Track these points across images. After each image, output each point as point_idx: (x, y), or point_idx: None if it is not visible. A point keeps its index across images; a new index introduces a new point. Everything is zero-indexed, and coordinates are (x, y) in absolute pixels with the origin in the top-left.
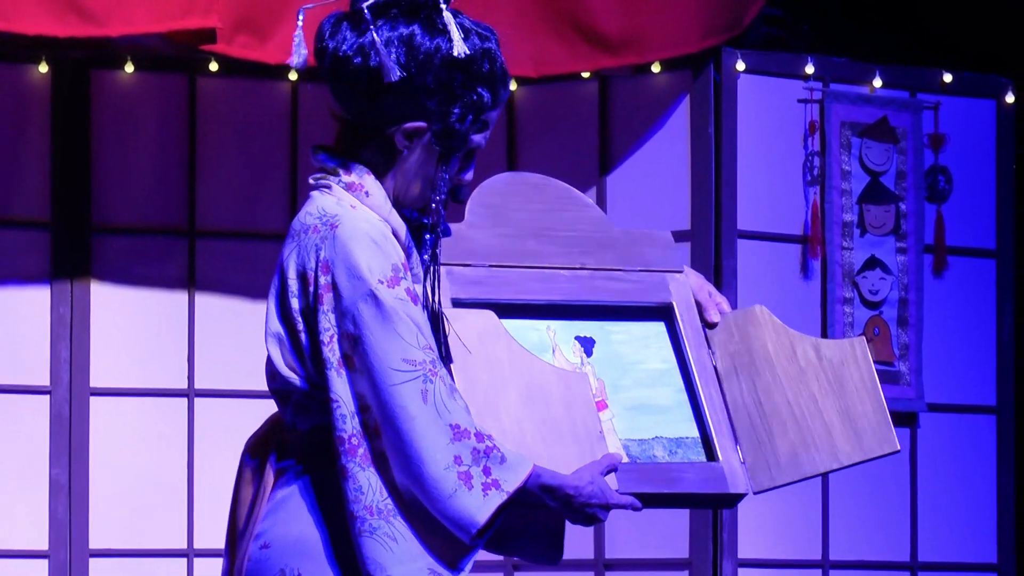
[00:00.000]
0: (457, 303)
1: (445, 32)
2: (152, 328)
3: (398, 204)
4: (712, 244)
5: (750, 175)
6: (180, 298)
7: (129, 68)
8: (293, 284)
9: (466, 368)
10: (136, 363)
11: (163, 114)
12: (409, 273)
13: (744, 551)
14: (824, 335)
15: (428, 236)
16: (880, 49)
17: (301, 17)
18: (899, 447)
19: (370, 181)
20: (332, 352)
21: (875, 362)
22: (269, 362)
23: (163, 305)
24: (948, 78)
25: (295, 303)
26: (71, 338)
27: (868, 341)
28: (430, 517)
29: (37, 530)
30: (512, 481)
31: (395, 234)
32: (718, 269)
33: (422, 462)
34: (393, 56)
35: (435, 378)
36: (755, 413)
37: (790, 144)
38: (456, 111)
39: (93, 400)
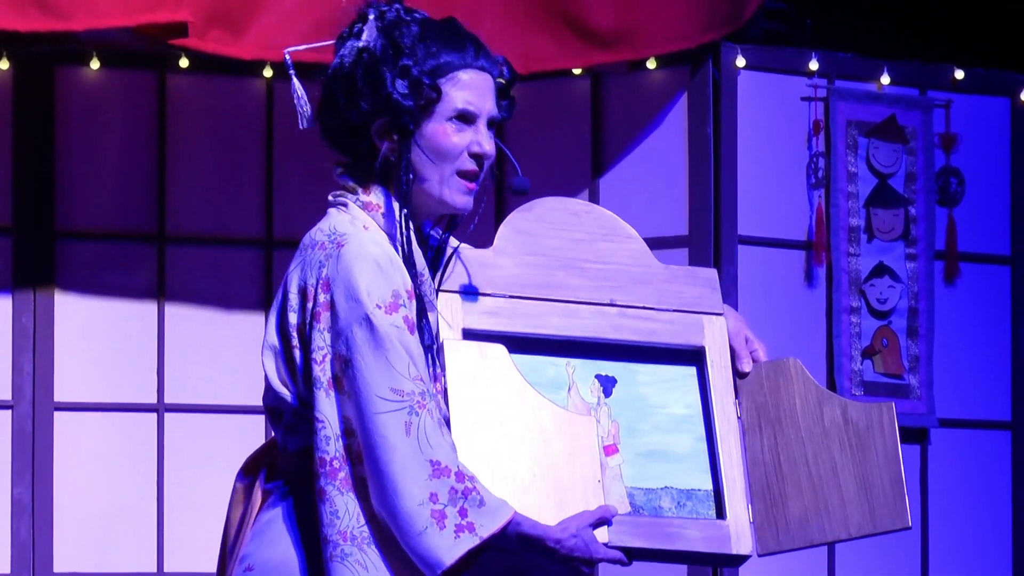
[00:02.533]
0: (469, 334)
1: (359, 34)
2: (119, 339)
3: (427, 204)
4: (711, 250)
5: (751, 177)
6: (149, 308)
7: (95, 64)
8: (293, 299)
9: (466, 403)
10: (103, 376)
11: (131, 113)
12: (412, 301)
13: (747, 574)
14: (829, 346)
15: (435, 233)
16: (888, 44)
17: (293, 75)
18: (911, 524)
19: (384, 202)
20: (323, 372)
21: (884, 375)
22: (264, 375)
23: (131, 315)
24: (960, 75)
25: (293, 318)
26: (34, 350)
27: (875, 353)
28: (401, 551)
29: None
30: (488, 527)
31: (408, 259)
32: (717, 272)
33: (397, 495)
34: (340, 82)
35: (422, 411)
36: (772, 471)
37: (793, 144)
38: (388, 86)
39: (57, 415)
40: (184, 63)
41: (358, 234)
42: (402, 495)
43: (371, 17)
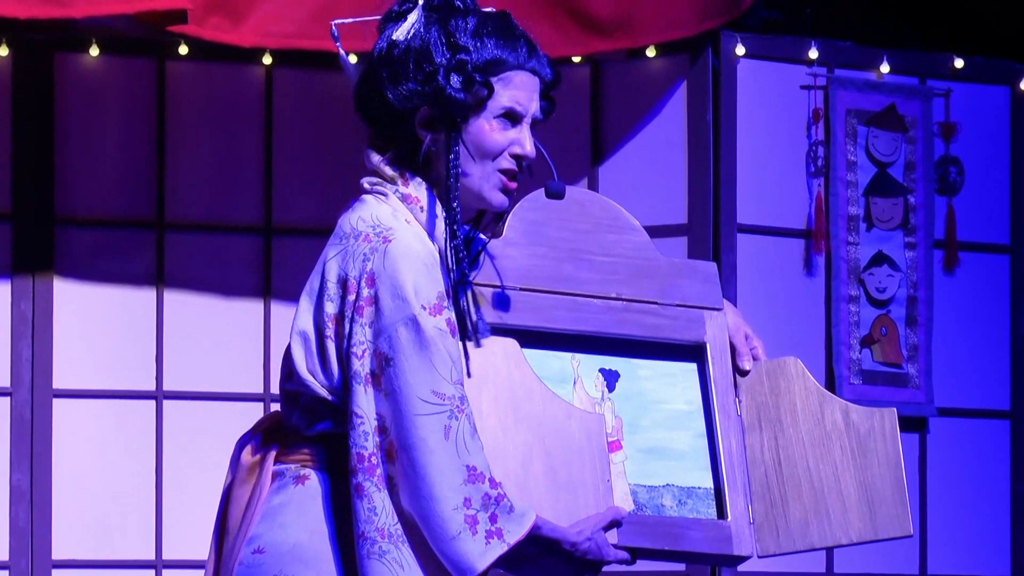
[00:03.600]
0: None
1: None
2: (118, 326)
3: (464, 200)
4: (710, 239)
5: (750, 166)
6: (148, 295)
7: (95, 51)
8: (332, 288)
9: (480, 398)
10: (102, 363)
11: (130, 100)
12: (449, 301)
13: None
14: (828, 334)
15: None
16: (888, 33)
17: (339, 47)
18: (912, 532)
19: (425, 196)
20: (363, 366)
21: (882, 363)
22: (289, 360)
23: (130, 302)
24: (959, 63)
25: (330, 308)
26: (33, 337)
27: (874, 342)
28: (431, 551)
29: None
30: (515, 533)
31: (447, 256)
32: (716, 265)
33: (432, 498)
34: (386, 64)
35: (461, 415)
36: (772, 472)
37: (793, 133)
38: (440, 78)
39: (56, 402)
40: (183, 50)
41: (403, 229)
42: (438, 499)
43: (421, 1)
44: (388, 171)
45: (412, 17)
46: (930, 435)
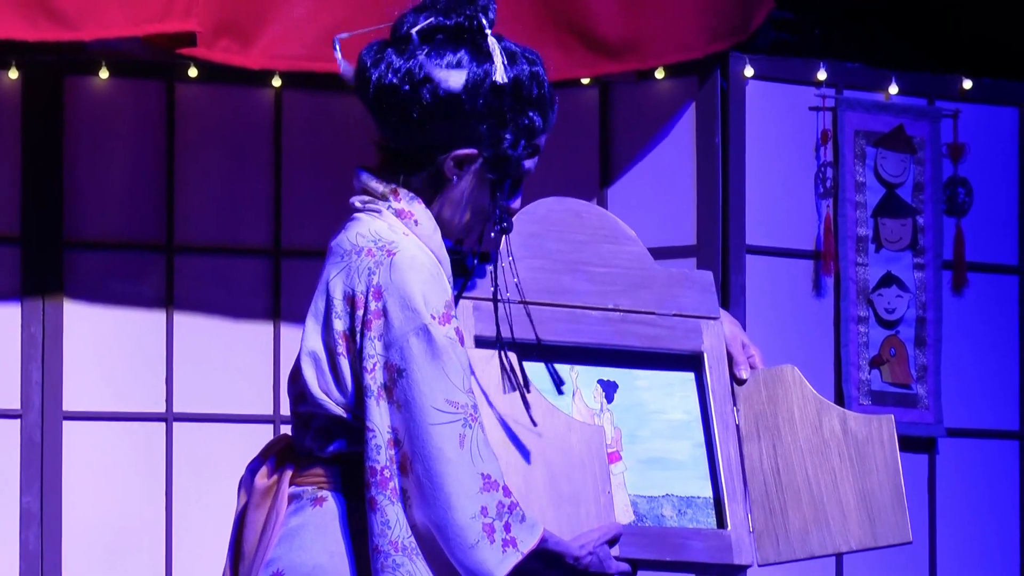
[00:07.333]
0: (481, 341)
1: (491, 57)
2: (128, 348)
3: (444, 233)
4: (719, 260)
5: (759, 187)
6: (157, 317)
7: (104, 74)
8: (339, 305)
9: (481, 412)
10: (111, 385)
11: (140, 122)
12: (455, 310)
13: (755, 573)
14: (837, 355)
15: (473, 262)
16: (896, 54)
17: (338, 47)
18: (911, 538)
19: (420, 210)
20: (374, 380)
21: (891, 384)
22: (299, 382)
23: (140, 324)
24: (968, 84)
25: (339, 325)
26: (43, 359)
27: (883, 362)
28: (447, 562)
29: (7, 562)
30: (528, 542)
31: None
32: (725, 286)
33: (449, 507)
34: (442, 82)
35: (474, 424)
36: (771, 481)
37: (801, 154)
38: (508, 136)
39: (66, 424)
40: (193, 72)
41: (405, 241)
42: (455, 508)
43: (493, 39)
44: (380, 188)
45: (497, 59)
46: (939, 456)
